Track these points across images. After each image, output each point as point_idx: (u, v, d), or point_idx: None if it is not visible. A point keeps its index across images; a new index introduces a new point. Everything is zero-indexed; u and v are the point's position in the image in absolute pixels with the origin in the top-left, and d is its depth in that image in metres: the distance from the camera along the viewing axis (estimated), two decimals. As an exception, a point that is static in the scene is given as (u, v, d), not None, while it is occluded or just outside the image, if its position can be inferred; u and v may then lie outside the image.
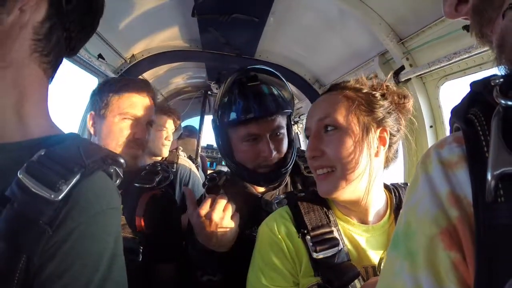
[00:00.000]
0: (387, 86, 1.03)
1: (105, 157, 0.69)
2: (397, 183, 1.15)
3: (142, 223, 1.27)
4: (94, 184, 0.63)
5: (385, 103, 1.00)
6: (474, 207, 0.41)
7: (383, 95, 1.01)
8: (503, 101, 0.42)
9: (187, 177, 2.43)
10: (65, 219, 0.57)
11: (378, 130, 0.98)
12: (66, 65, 1.33)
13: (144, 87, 1.40)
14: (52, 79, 0.71)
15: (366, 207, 0.99)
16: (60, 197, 0.57)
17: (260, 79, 1.29)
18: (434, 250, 0.43)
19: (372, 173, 0.95)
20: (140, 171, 1.45)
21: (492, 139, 0.41)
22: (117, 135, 1.31)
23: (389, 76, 1.39)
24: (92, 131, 1.37)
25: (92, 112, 1.38)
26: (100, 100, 1.35)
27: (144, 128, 1.36)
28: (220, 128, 1.34)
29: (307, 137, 1.03)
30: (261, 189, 1.37)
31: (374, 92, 1.00)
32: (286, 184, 1.43)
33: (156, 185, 1.39)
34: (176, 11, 2.66)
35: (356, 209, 1.00)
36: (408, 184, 1.13)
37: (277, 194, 1.34)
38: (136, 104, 1.35)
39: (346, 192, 0.95)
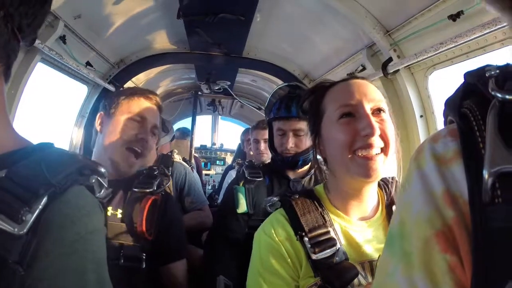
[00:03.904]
0: None
1: (81, 168, 0.59)
2: (385, 178, 1.14)
3: (144, 230, 1.25)
4: (67, 205, 0.53)
5: None
6: (471, 208, 0.38)
7: None
8: (499, 95, 0.39)
9: (182, 180, 2.41)
10: (37, 254, 0.48)
11: None
12: (54, 75, 1.33)
13: (153, 96, 1.50)
14: (8, 78, 0.58)
15: (367, 197, 1.00)
16: (25, 230, 0.48)
17: (293, 92, 1.67)
18: (429, 252, 0.41)
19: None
20: (137, 175, 1.45)
21: (488, 135, 0.38)
22: (121, 133, 1.36)
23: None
24: (98, 129, 1.44)
25: (102, 112, 1.46)
26: (111, 101, 1.45)
27: (147, 130, 1.41)
28: (268, 123, 1.75)
29: (344, 115, 0.96)
30: (292, 177, 1.69)
31: None
32: (311, 178, 1.69)
33: (155, 189, 1.39)
34: (162, 14, 2.64)
35: (358, 198, 1.00)
36: (396, 178, 1.13)
37: (303, 183, 1.66)
38: (143, 107, 1.43)
39: (382, 174, 0.94)
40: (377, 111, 0.96)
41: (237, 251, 1.43)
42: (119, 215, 1.29)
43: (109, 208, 1.29)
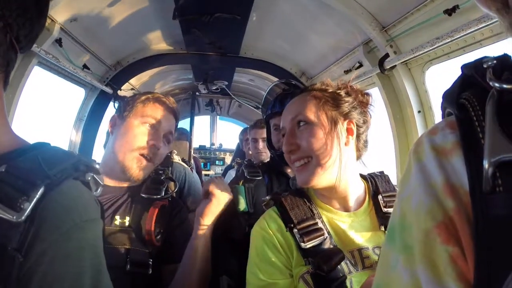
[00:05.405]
0: (350, 86, 1.18)
1: (76, 164, 0.62)
2: (373, 172, 1.27)
3: (153, 237, 1.23)
4: (63, 195, 0.56)
5: (350, 99, 1.13)
6: (471, 197, 0.38)
7: (347, 93, 1.15)
8: (497, 84, 0.39)
9: (182, 180, 2.40)
10: (35, 241, 0.51)
11: (346, 122, 1.10)
12: (51, 78, 1.33)
13: (170, 101, 1.48)
14: (6, 85, 0.62)
15: (344, 193, 1.10)
16: (23, 217, 0.50)
17: (288, 88, 1.79)
18: (430, 244, 0.40)
19: (343, 159, 1.07)
20: (144, 180, 1.42)
21: (488, 125, 0.38)
22: (132, 137, 1.33)
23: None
24: (110, 132, 1.42)
25: (115, 115, 1.42)
26: (126, 104, 1.41)
27: (159, 137, 1.38)
28: (265, 121, 1.81)
29: (283, 135, 1.16)
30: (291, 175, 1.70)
31: (338, 91, 1.14)
32: None
33: (163, 196, 1.37)
34: (157, 14, 2.64)
35: (335, 196, 1.11)
36: (384, 172, 1.24)
37: None
38: (159, 113, 1.40)
39: (323, 179, 1.05)
40: (298, 124, 1.10)
41: (238, 250, 1.44)
42: (127, 223, 1.26)
43: (117, 217, 1.26)
